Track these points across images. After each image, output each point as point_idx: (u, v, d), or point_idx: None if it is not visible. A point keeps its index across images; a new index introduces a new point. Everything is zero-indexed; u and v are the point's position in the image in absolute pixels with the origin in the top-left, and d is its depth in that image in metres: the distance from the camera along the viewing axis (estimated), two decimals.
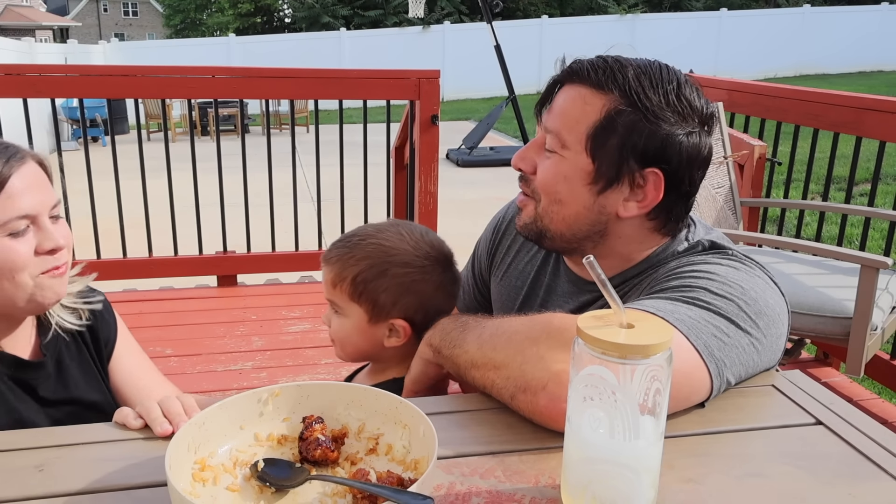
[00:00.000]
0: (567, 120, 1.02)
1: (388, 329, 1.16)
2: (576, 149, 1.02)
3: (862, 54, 20.92)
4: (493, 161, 10.71)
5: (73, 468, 0.79)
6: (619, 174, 1.01)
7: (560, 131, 1.03)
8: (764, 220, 3.45)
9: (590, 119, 1.00)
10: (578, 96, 1.02)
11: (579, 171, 1.02)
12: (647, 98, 0.98)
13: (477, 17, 22.81)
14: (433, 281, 1.16)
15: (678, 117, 0.99)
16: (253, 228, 3.62)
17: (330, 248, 1.20)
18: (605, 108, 0.99)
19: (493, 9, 10.80)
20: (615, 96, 0.99)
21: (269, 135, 3.57)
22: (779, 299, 0.99)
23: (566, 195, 1.04)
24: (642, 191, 1.01)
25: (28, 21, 38.30)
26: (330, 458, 0.80)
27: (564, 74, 1.05)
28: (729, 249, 1.05)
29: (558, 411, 0.81)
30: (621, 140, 0.99)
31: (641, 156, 0.99)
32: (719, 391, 0.91)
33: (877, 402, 2.66)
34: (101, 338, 1.20)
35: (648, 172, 1.00)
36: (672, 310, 0.91)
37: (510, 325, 0.94)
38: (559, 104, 1.04)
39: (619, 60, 1.01)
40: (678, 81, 1.00)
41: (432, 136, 3.53)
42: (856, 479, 0.78)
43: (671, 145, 0.99)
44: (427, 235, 1.21)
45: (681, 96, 0.99)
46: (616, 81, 0.99)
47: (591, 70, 1.01)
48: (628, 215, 1.03)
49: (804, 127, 3.14)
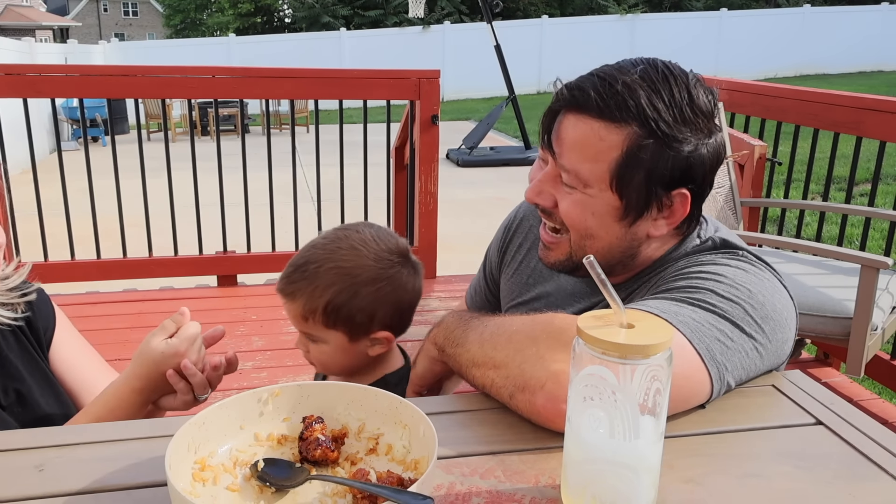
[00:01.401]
0: (584, 158, 0.96)
1: (370, 341, 1.16)
2: (599, 186, 0.97)
3: (862, 54, 20.92)
4: (493, 161, 10.71)
5: (73, 468, 0.79)
6: (649, 204, 0.98)
7: (578, 170, 0.97)
8: (764, 220, 3.45)
9: (610, 156, 0.95)
10: (591, 131, 0.95)
11: (607, 208, 0.99)
12: (665, 122, 0.93)
13: (477, 17, 22.81)
14: (401, 281, 1.15)
15: (696, 131, 0.95)
16: (253, 228, 3.62)
17: (285, 280, 1.15)
18: (625, 143, 0.94)
19: (493, 9, 10.81)
20: (633, 128, 0.94)
21: (269, 135, 3.57)
22: (787, 303, 0.98)
23: (597, 230, 1.00)
24: (670, 210, 1.00)
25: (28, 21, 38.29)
26: (330, 458, 0.80)
27: (567, 103, 0.98)
28: (740, 249, 1.03)
29: (556, 411, 0.81)
30: (647, 173, 0.95)
31: (668, 182, 0.97)
32: (719, 394, 0.91)
33: (877, 402, 2.66)
34: (39, 327, 1.20)
35: (675, 194, 0.98)
36: (676, 311, 0.90)
37: (511, 325, 0.93)
38: (570, 139, 0.97)
39: (627, 83, 0.94)
40: (687, 89, 0.95)
41: (432, 136, 3.54)
42: (856, 479, 0.78)
43: (695, 164, 0.96)
44: (380, 239, 1.16)
45: (694, 108, 0.95)
46: (630, 111, 0.93)
47: (601, 100, 0.94)
48: (659, 234, 1.02)
49: (804, 127, 3.14)
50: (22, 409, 1.13)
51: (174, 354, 1.06)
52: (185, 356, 1.06)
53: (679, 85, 0.95)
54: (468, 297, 1.46)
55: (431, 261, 3.69)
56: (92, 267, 3.49)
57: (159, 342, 1.08)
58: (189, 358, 1.06)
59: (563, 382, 0.80)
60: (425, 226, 3.66)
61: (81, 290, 3.61)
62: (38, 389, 1.16)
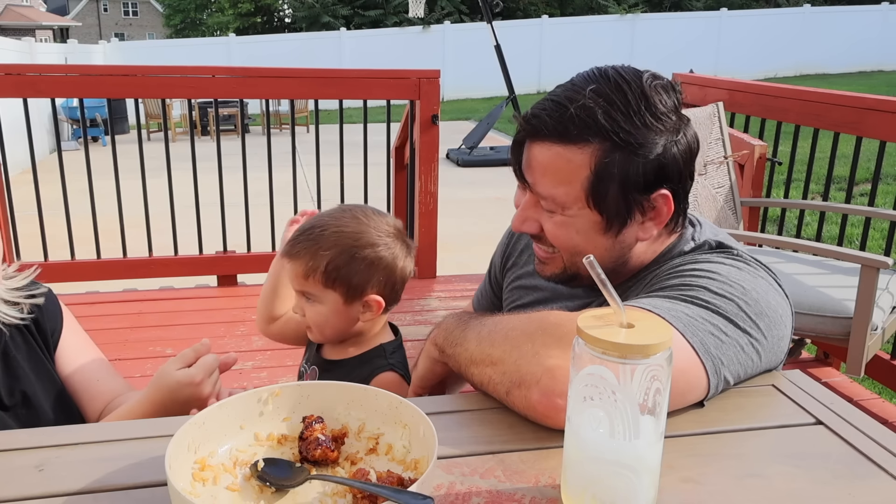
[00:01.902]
0: (556, 183, 0.98)
1: (363, 306, 1.23)
2: (577, 206, 0.99)
3: (862, 54, 20.92)
4: (493, 161, 10.71)
5: (73, 468, 0.79)
6: (630, 211, 0.99)
7: (553, 196, 0.99)
8: (764, 220, 3.45)
9: (580, 176, 0.96)
10: (557, 156, 0.97)
11: (590, 224, 1.00)
12: (626, 132, 0.94)
13: (477, 17, 22.81)
14: (397, 254, 1.24)
15: (660, 132, 0.96)
16: (253, 228, 3.62)
17: (292, 243, 1.24)
18: (592, 160, 0.95)
19: (493, 9, 10.81)
20: (595, 144, 0.95)
21: (269, 135, 3.57)
22: (782, 301, 0.99)
23: (585, 245, 1.02)
24: (654, 211, 1.01)
25: (28, 21, 38.29)
26: (330, 458, 0.80)
27: (528, 133, 1.00)
28: (734, 249, 1.04)
29: (551, 406, 0.81)
30: (620, 184, 0.96)
31: (644, 187, 0.97)
32: (717, 390, 0.91)
33: (877, 402, 2.66)
34: (46, 328, 1.21)
35: (656, 196, 0.99)
36: (669, 307, 0.91)
37: (508, 322, 0.94)
38: (540, 167, 0.99)
39: (581, 104, 0.94)
40: (643, 94, 0.95)
41: (432, 136, 3.54)
42: (856, 479, 0.78)
43: (668, 164, 0.97)
44: (379, 214, 1.27)
45: (654, 111, 0.95)
46: (589, 129, 0.94)
47: (558, 125, 0.95)
48: (648, 236, 1.03)
49: (804, 127, 3.14)
50: (26, 410, 1.13)
51: (189, 384, 1.07)
52: (201, 386, 1.07)
53: (633, 91, 0.95)
54: (475, 301, 1.48)
55: (431, 261, 3.69)
56: (92, 267, 3.49)
57: (176, 371, 1.08)
58: (204, 390, 1.07)
59: (559, 378, 0.81)
60: (425, 226, 3.66)
61: (81, 290, 3.61)
62: (43, 392, 1.16)
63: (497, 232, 1.47)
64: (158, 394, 1.08)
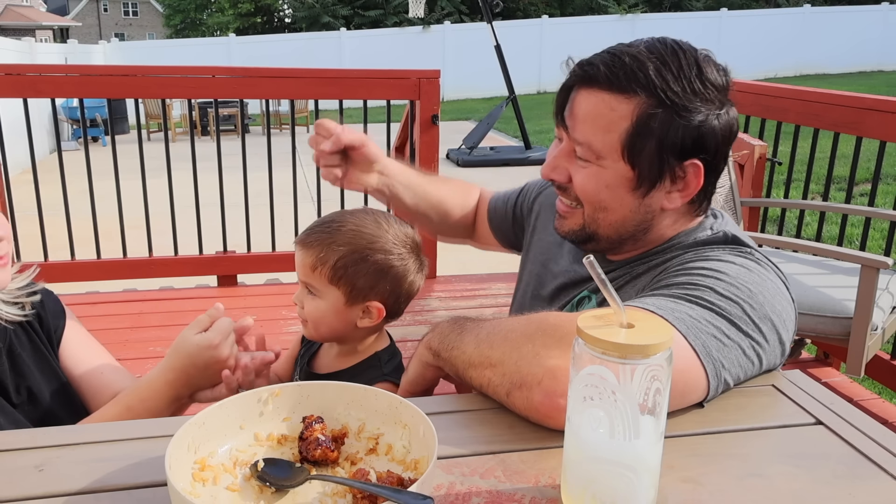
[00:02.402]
0: (596, 130, 0.99)
1: (363, 311, 1.20)
2: (612, 157, 1.00)
3: (862, 54, 20.93)
4: (493, 161, 10.71)
5: (73, 468, 0.79)
6: (661, 174, 1.00)
7: (591, 142, 1.00)
8: (764, 220, 3.45)
9: (621, 126, 0.98)
10: (602, 103, 0.98)
11: (620, 179, 1.01)
12: (674, 92, 0.96)
13: (477, 17, 22.82)
14: (409, 268, 1.21)
15: (706, 103, 0.98)
16: (253, 228, 3.62)
17: (307, 232, 1.22)
18: (635, 112, 0.97)
19: (494, 9, 10.81)
20: (642, 98, 0.96)
21: (269, 135, 3.57)
22: (787, 305, 0.98)
23: (611, 202, 1.02)
24: (683, 181, 1.02)
25: (28, 21, 38.30)
26: (330, 458, 0.80)
27: (579, 78, 1.01)
28: (748, 247, 1.04)
29: (553, 406, 0.81)
30: (658, 142, 0.97)
31: (680, 151, 0.99)
32: (717, 392, 0.91)
33: (877, 402, 2.66)
34: (49, 325, 1.22)
35: (688, 164, 1.00)
36: (673, 308, 0.90)
37: (507, 324, 0.94)
38: (582, 112, 1.00)
39: (635, 56, 0.97)
40: (697, 62, 0.98)
41: (432, 136, 3.54)
42: (856, 479, 0.78)
43: (706, 133, 0.98)
44: (401, 224, 1.25)
45: (704, 80, 0.97)
46: (639, 81, 0.96)
47: (610, 73, 0.97)
48: (673, 207, 1.04)
49: (804, 127, 3.14)
50: (32, 406, 1.14)
51: (208, 347, 1.09)
52: (219, 349, 1.09)
53: (688, 58, 0.98)
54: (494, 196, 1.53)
55: (431, 261, 3.67)
56: (92, 267, 3.49)
57: (194, 335, 1.10)
58: (223, 352, 1.09)
59: (560, 378, 0.81)
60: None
61: (81, 290, 3.61)
62: (48, 387, 1.17)
63: None
64: (178, 360, 1.09)
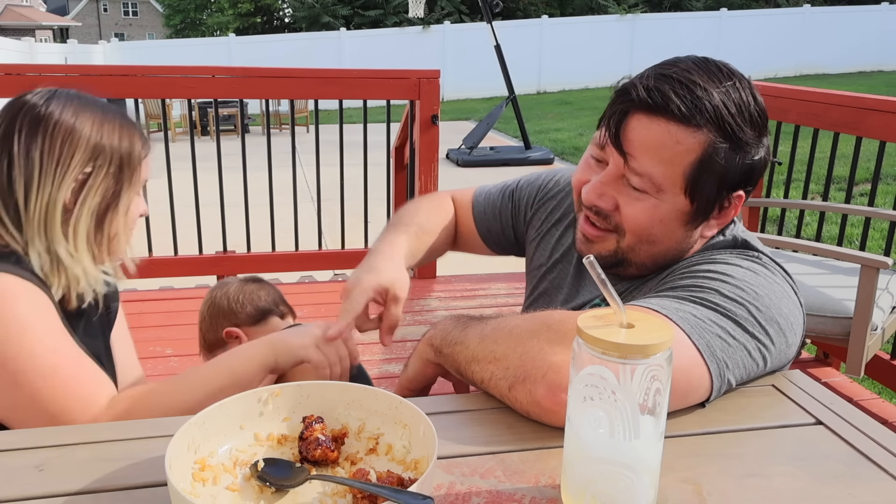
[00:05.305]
0: (659, 162, 0.95)
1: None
2: (672, 191, 0.97)
3: (862, 55, 20.92)
4: (493, 161, 10.71)
5: (73, 468, 0.79)
6: (714, 207, 1.00)
7: (652, 175, 0.96)
8: (764, 220, 3.45)
9: (686, 160, 0.95)
10: (667, 134, 0.94)
11: (676, 213, 0.99)
12: (738, 127, 0.94)
13: (477, 17, 22.81)
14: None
15: (758, 135, 0.97)
16: (253, 228, 3.61)
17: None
18: (701, 146, 0.94)
19: (493, 9, 10.82)
20: (709, 132, 0.94)
21: (269, 135, 3.57)
22: (795, 309, 0.98)
23: (660, 235, 1.00)
24: (726, 211, 1.01)
25: (28, 21, 38.30)
26: (330, 458, 0.80)
27: (643, 105, 0.96)
28: (756, 251, 1.03)
29: (555, 401, 0.81)
30: (720, 177, 0.96)
31: (734, 184, 0.98)
32: (720, 392, 0.91)
33: (877, 402, 2.66)
34: (111, 306, 1.29)
35: (735, 196, 1.00)
36: (677, 308, 0.90)
37: (512, 321, 0.94)
38: (645, 142, 0.96)
39: (702, 85, 0.94)
40: (751, 91, 0.96)
41: (432, 136, 3.54)
42: (856, 479, 0.78)
43: (758, 167, 0.98)
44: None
45: (760, 111, 0.96)
46: (706, 114, 0.93)
47: (682, 104, 0.93)
48: (710, 234, 1.03)
49: (804, 127, 3.14)
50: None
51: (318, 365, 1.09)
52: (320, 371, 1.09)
53: (745, 88, 0.96)
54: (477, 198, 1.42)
55: (431, 261, 3.69)
56: None
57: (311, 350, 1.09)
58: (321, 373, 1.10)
59: (564, 373, 0.81)
60: None
61: None
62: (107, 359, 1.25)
63: None
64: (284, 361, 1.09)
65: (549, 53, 20.40)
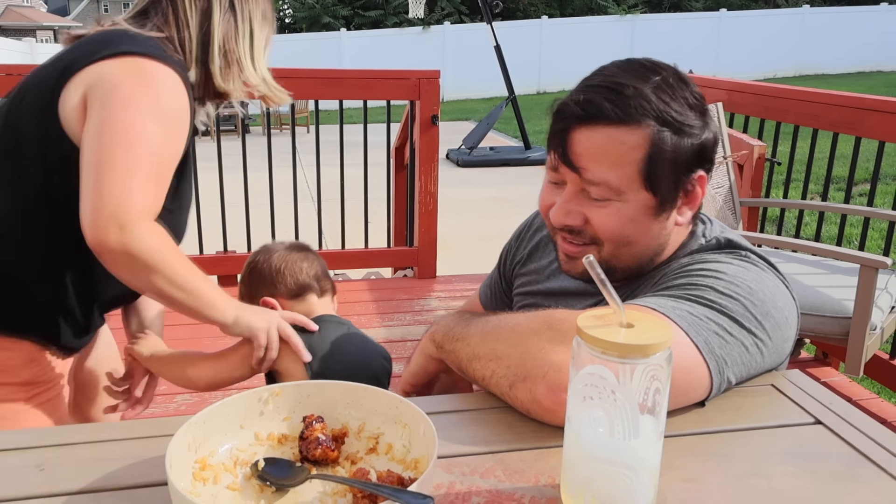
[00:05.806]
0: (610, 166, 0.97)
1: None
2: (633, 190, 0.98)
3: (861, 55, 20.92)
4: (493, 161, 10.72)
5: (73, 468, 0.79)
6: (677, 192, 1.01)
7: (608, 180, 0.97)
8: (763, 220, 3.45)
9: (635, 156, 0.96)
10: (609, 138, 0.96)
11: (643, 209, 1.00)
12: (676, 111, 0.97)
13: (477, 17, 22.79)
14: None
15: (699, 114, 0.99)
16: (253, 228, 3.62)
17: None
18: (646, 140, 0.96)
19: (493, 9, 10.82)
20: (650, 124, 0.96)
21: (269, 135, 3.57)
22: (788, 303, 0.99)
23: (635, 234, 1.01)
24: (692, 194, 1.02)
25: (29, 21, 38.31)
26: (330, 458, 0.80)
27: (578, 119, 0.98)
28: (744, 249, 1.04)
29: (556, 401, 0.82)
30: (672, 164, 0.98)
31: (688, 167, 0.99)
32: (720, 390, 0.91)
33: (876, 401, 2.66)
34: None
35: (696, 178, 1.01)
36: (674, 306, 0.91)
37: (513, 319, 0.94)
38: (591, 151, 0.97)
39: (629, 85, 0.96)
40: (680, 78, 1.00)
41: (432, 136, 3.54)
42: (856, 479, 0.78)
43: (707, 145, 1.00)
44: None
45: (693, 92, 1.00)
46: (644, 110, 0.95)
47: (616, 107, 0.96)
48: (685, 220, 1.04)
49: (804, 127, 3.15)
50: None
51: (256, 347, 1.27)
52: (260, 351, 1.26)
53: (672, 75, 0.99)
54: (482, 294, 1.46)
55: (431, 261, 3.69)
56: None
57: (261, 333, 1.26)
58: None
59: (565, 372, 0.81)
60: (425, 226, 3.66)
61: None
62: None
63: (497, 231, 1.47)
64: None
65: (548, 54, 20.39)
